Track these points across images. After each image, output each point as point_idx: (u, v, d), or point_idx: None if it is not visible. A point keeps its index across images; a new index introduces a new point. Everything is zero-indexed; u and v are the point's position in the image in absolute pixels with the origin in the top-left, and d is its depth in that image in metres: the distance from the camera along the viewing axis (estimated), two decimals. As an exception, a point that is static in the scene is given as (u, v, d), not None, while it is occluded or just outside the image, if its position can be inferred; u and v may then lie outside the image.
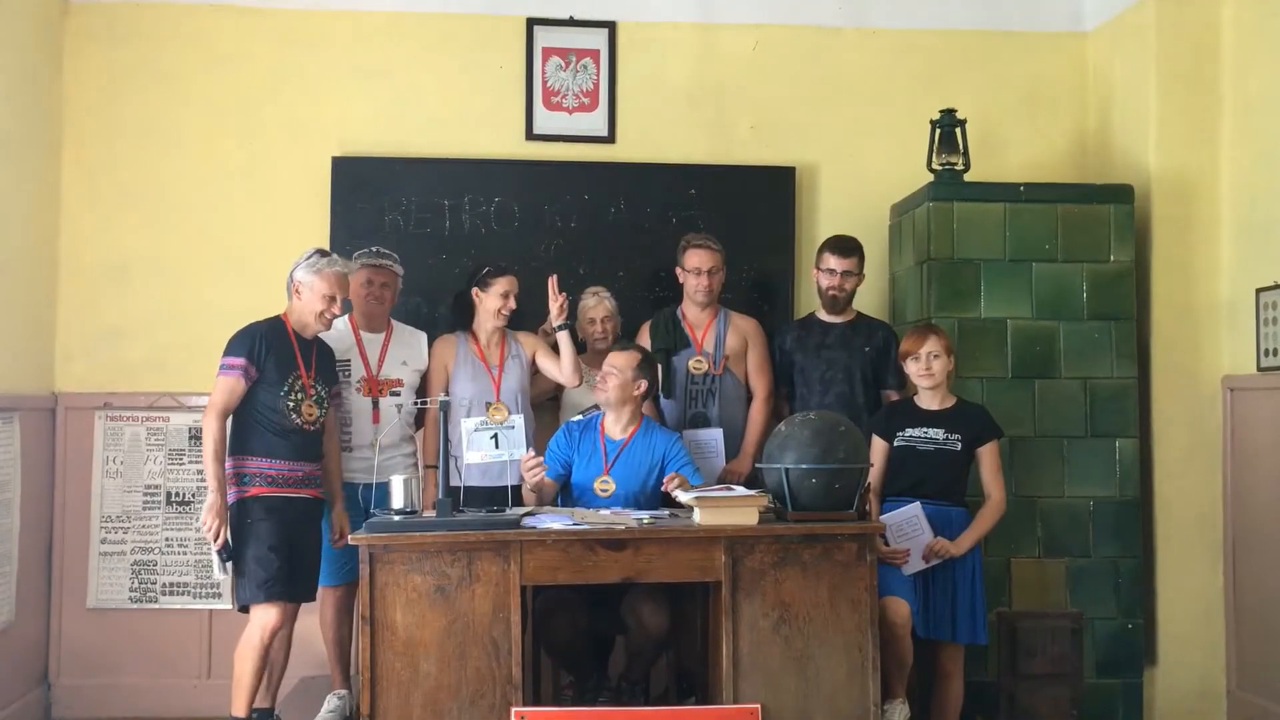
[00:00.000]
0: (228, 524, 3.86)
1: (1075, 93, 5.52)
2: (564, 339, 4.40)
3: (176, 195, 5.19)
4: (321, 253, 4.11)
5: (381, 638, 3.37)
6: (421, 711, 3.36)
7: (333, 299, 4.01)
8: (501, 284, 4.41)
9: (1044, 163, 5.45)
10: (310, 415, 3.99)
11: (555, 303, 4.38)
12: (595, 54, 5.40)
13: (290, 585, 3.93)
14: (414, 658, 3.37)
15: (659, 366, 4.41)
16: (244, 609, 3.95)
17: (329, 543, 4.20)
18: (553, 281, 4.42)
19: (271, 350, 3.95)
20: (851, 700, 3.48)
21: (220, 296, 4.99)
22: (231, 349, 3.94)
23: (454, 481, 3.90)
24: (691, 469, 4.08)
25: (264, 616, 3.88)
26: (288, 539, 3.92)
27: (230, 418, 3.93)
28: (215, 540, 3.84)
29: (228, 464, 3.93)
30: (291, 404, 3.94)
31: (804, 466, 3.54)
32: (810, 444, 3.57)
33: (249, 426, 3.95)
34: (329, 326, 4.11)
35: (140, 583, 5.09)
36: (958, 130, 5.00)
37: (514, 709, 3.35)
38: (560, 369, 4.45)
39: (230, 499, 3.90)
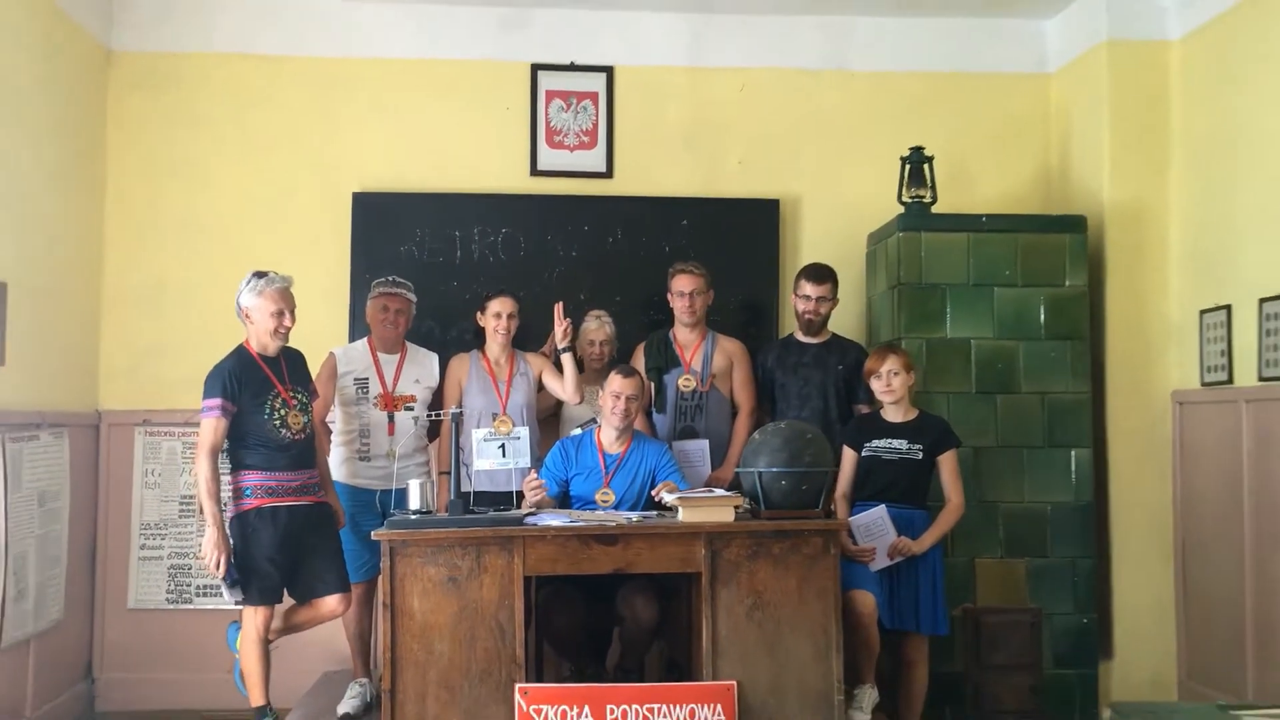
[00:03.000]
0: (229, 554, 4.14)
1: (1039, 129, 5.95)
2: (567, 360, 4.81)
3: (210, 227, 5.63)
4: (258, 274, 4.26)
5: (401, 622, 3.79)
6: (436, 688, 3.77)
7: (280, 313, 4.22)
8: (495, 305, 4.83)
9: (1011, 194, 5.87)
10: (298, 424, 4.27)
11: (560, 327, 4.78)
12: (594, 96, 5.84)
13: (294, 586, 4.28)
14: (429, 640, 3.79)
15: (651, 384, 4.84)
16: (243, 603, 4.22)
17: (349, 544, 4.56)
18: (558, 308, 4.81)
19: (243, 381, 4.20)
20: (817, 678, 3.88)
21: None
22: (207, 391, 4.18)
23: (465, 487, 4.32)
24: (679, 477, 4.48)
25: (256, 616, 4.19)
26: (289, 546, 4.21)
27: (225, 446, 4.21)
28: (219, 570, 4.13)
29: (228, 481, 4.23)
30: (277, 421, 4.22)
31: (774, 470, 3.96)
32: (780, 450, 3.99)
33: (245, 446, 4.23)
34: (286, 339, 4.30)
35: (176, 585, 5.52)
36: (925, 166, 5.42)
37: (517, 685, 3.76)
38: (563, 387, 4.86)
39: (231, 513, 4.19)
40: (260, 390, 4.20)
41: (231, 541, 4.15)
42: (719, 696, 3.77)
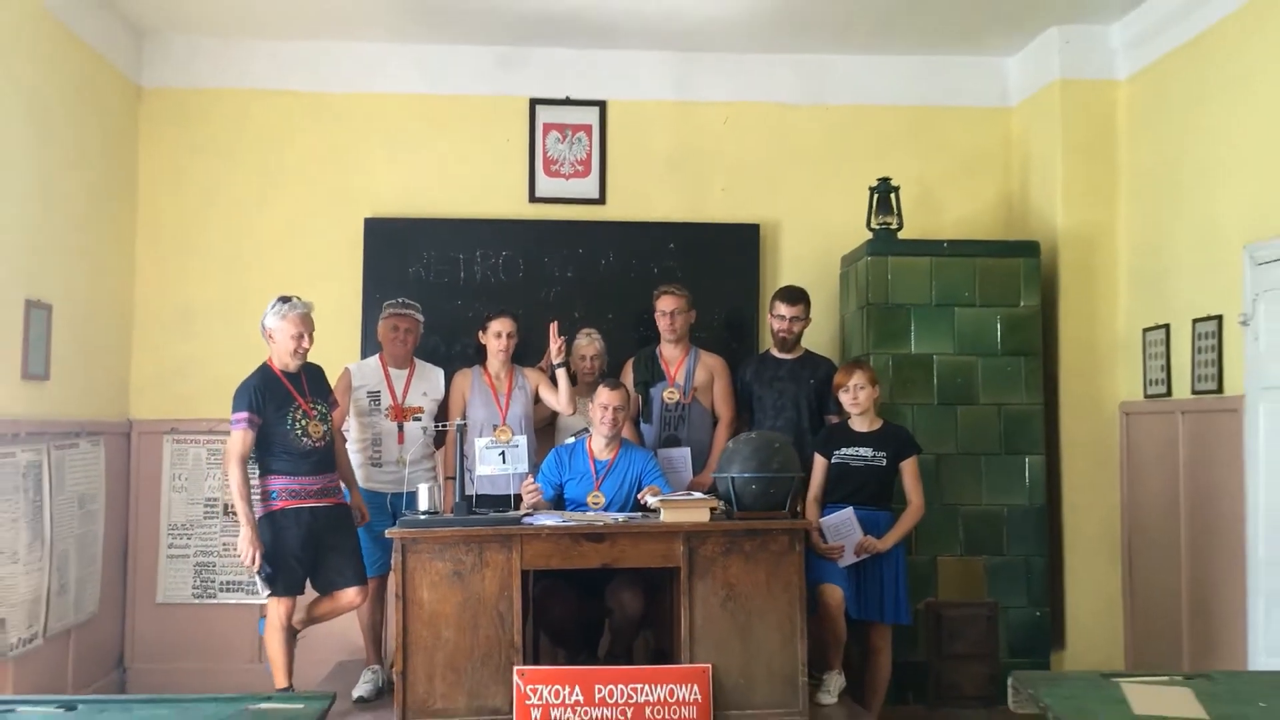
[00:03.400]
0: (261, 549, 4.59)
1: (1001, 159, 6.39)
2: (562, 375, 5.24)
3: (232, 251, 6.08)
4: (283, 299, 4.70)
5: (412, 611, 4.23)
6: (443, 669, 4.21)
7: (300, 335, 4.67)
8: (496, 325, 5.27)
9: (975, 219, 6.31)
10: (317, 433, 4.72)
11: (555, 344, 5.21)
12: (588, 128, 6.29)
13: (317, 579, 4.73)
14: (437, 627, 4.23)
15: (639, 396, 5.30)
16: (272, 593, 4.68)
17: (363, 543, 5.01)
18: (553, 327, 5.25)
19: (266, 395, 4.65)
20: (784, 661, 4.32)
21: None
22: (235, 405, 4.63)
23: (468, 490, 4.76)
24: (663, 482, 4.91)
25: (280, 606, 4.65)
26: (312, 543, 4.66)
27: (253, 453, 4.66)
28: (253, 565, 4.59)
29: (256, 485, 4.68)
30: (299, 430, 4.67)
31: (746, 475, 4.41)
32: (750, 458, 4.44)
33: (272, 454, 4.68)
34: (304, 358, 4.74)
35: (201, 581, 5.97)
36: (892, 195, 5.87)
37: (516, 667, 4.20)
38: (558, 400, 5.30)
39: (260, 513, 4.64)
40: (283, 403, 4.64)
41: (261, 539, 4.58)
42: (695, 678, 4.21)
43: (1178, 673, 3.09)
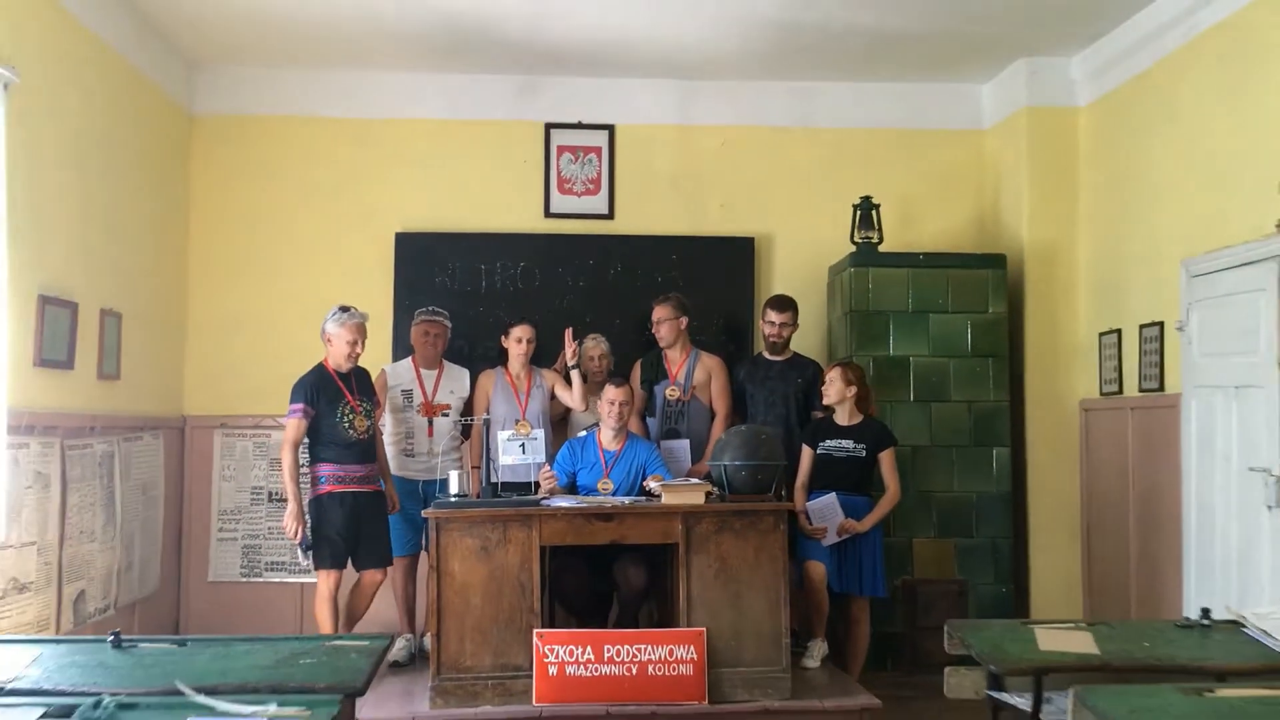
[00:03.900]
0: (306, 525, 5.27)
1: (975, 178, 6.98)
2: (575, 376, 5.85)
3: (275, 263, 6.69)
4: (343, 309, 5.40)
5: (444, 582, 4.84)
6: (472, 632, 4.82)
7: (354, 342, 5.33)
8: (517, 331, 5.88)
9: (951, 233, 6.89)
10: (361, 427, 5.37)
11: (569, 349, 5.81)
12: (598, 150, 6.90)
13: (354, 558, 5.35)
14: (466, 595, 4.84)
15: (644, 394, 5.91)
16: (317, 568, 5.35)
17: (397, 525, 5.63)
18: (568, 333, 5.84)
19: (320, 391, 5.31)
20: (769, 625, 4.91)
21: (309, 341, 6.16)
22: (293, 397, 5.30)
23: (493, 478, 5.37)
24: (664, 470, 5.52)
25: (328, 579, 5.30)
26: (354, 523, 5.30)
27: (305, 441, 5.33)
28: (295, 538, 5.27)
29: (306, 470, 5.33)
30: (346, 424, 5.31)
31: (736, 463, 5.01)
32: (740, 448, 5.04)
33: (321, 443, 5.34)
34: (356, 361, 5.39)
35: (248, 561, 6.60)
36: (873, 211, 6.45)
37: (535, 630, 4.81)
38: (572, 397, 5.90)
39: (310, 495, 5.31)
40: (334, 399, 5.28)
41: (310, 518, 5.22)
42: (692, 639, 4.82)
43: (1082, 621, 3.69)
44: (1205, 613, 3.49)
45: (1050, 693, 3.16)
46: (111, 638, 3.16)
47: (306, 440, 5.31)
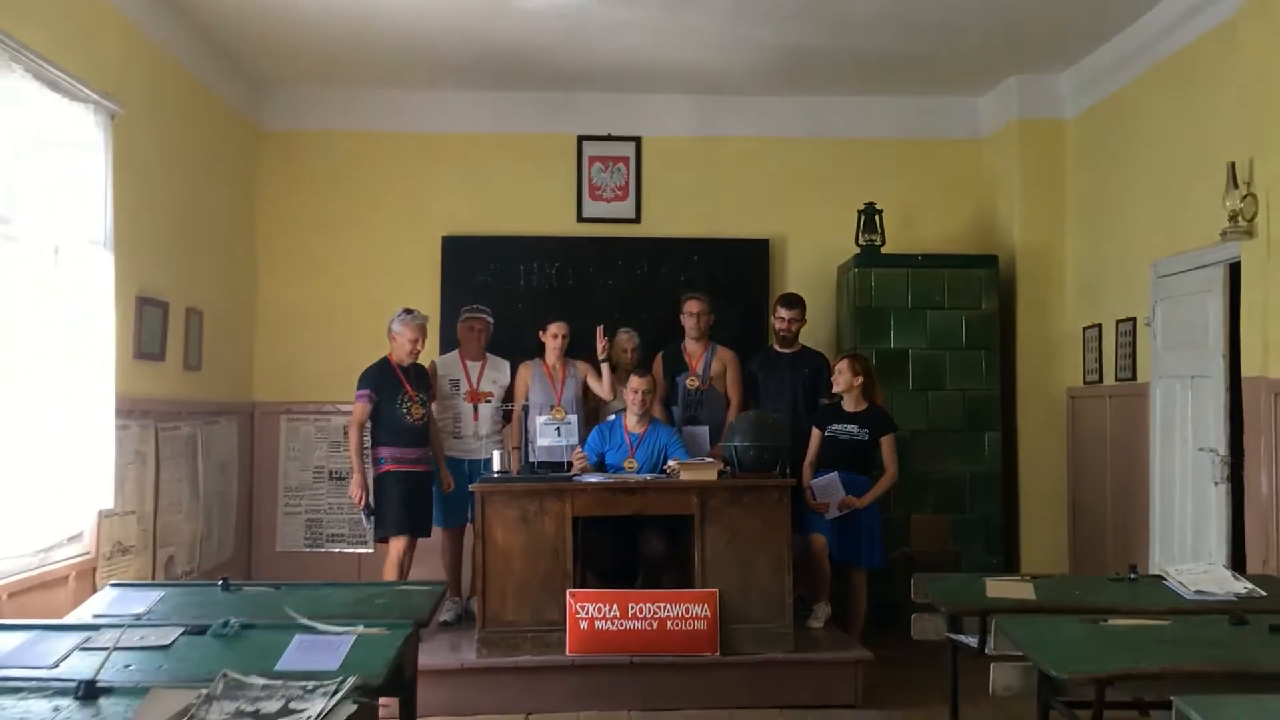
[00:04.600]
0: (369, 492, 6.00)
1: (973, 184, 7.56)
2: (605, 368, 6.50)
3: (334, 265, 7.38)
4: (407, 311, 6.15)
5: (489, 548, 5.51)
6: (513, 591, 5.49)
7: (416, 340, 6.08)
8: (553, 327, 6.54)
9: (951, 235, 7.47)
10: (417, 414, 6.08)
11: (600, 343, 6.45)
12: (626, 160, 7.54)
13: (411, 527, 6.05)
14: (508, 560, 5.51)
15: (666, 384, 6.57)
16: (382, 540, 6.10)
17: (443, 499, 6.32)
18: (599, 331, 6.46)
19: (382, 381, 6.04)
20: (774, 587, 5.55)
21: (364, 336, 6.94)
22: (359, 384, 6.05)
23: (531, 458, 6.04)
24: (683, 452, 6.15)
25: (396, 544, 6.01)
26: (410, 498, 6.02)
27: (369, 425, 6.06)
28: (360, 504, 6.02)
29: (368, 452, 6.07)
30: (404, 411, 6.03)
31: (745, 444, 5.66)
32: (749, 431, 5.69)
33: (382, 428, 6.06)
34: (417, 357, 6.13)
35: (311, 533, 7.31)
36: (876, 216, 7.05)
37: (568, 590, 5.48)
38: (602, 387, 6.56)
39: (373, 474, 6.04)
40: (394, 389, 5.99)
41: (372, 492, 5.93)
42: (706, 599, 5.46)
43: (1028, 574, 4.30)
44: (1133, 568, 4.10)
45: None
46: (221, 583, 3.86)
47: (369, 424, 6.00)
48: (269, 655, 2.82)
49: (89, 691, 2.41)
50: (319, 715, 2.20)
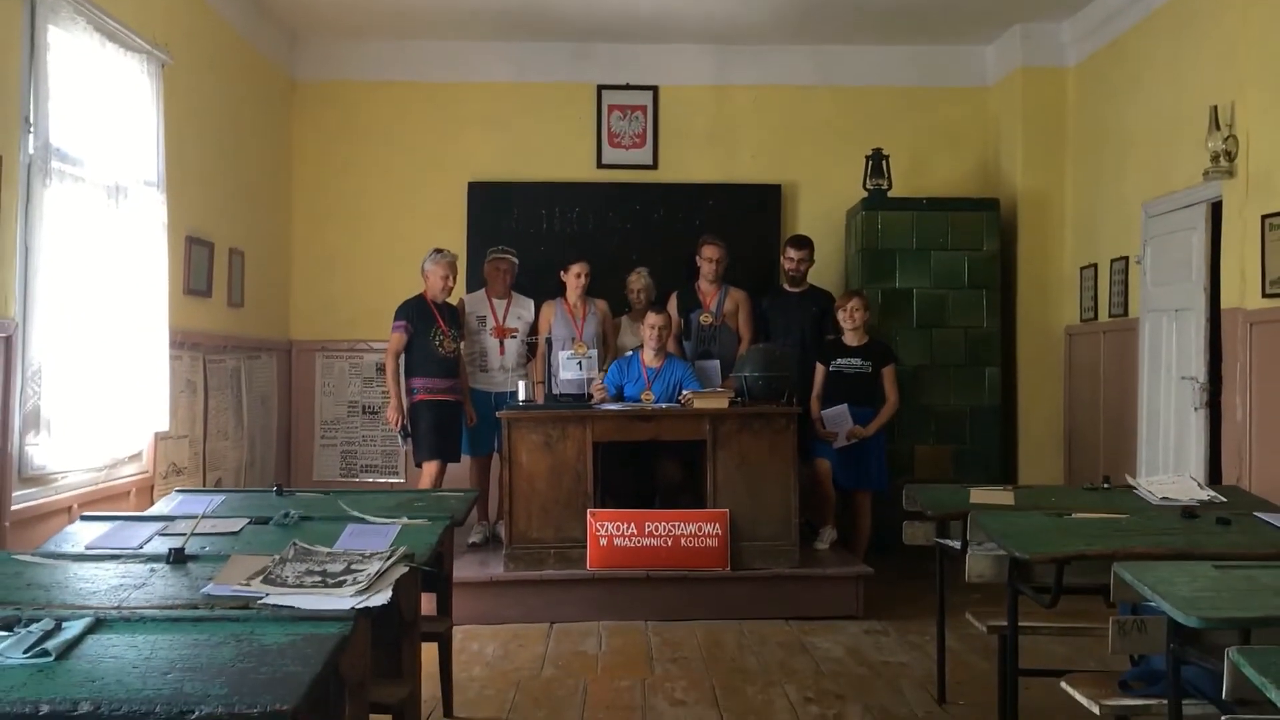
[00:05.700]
0: (404, 415, 6.40)
1: (979, 131, 7.85)
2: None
3: (365, 211, 7.76)
4: (437, 250, 6.55)
5: (515, 471, 5.91)
6: (538, 511, 5.90)
7: (446, 276, 6.47)
8: (575, 267, 6.88)
9: (957, 181, 7.77)
10: (449, 348, 6.46)
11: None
12: (644, 108, 7.85)
13: (442, 452, 6.46)
14: (533, 481, 5.91)
15: (681, 321, 6.93)
16: (419, 464, 6.52)
17: (470, 430, 6.72)
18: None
19: (418, 314, 6.43)
20: (781, 508, 5.94)
21: (394, 277, 7.33)
22: (396, 316, 6.44)
23: (554, 389, 6.43)
24: (697, 384, 6.51)
25: (430, 468, 6.42)
26: (441, 425, 6.42)
27: (402, 355, 6.47)
28: (395, 426, 6.43)
29: (403, 383, 6.48)
30: (437, 343, 6.41)
31: (755, 374, 6.02)
32: (758, 362, 6.05)
33: (415, 360, 6.45)
34: (449, 294, 6.53)
35: (346, 464, 7.74)
36: (883, 162, 7.35)
37: (589, 510, 5.88)
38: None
39: (407, 404, 6.44)
40: (428, 324, 6.39)
41: (406, 419, 6.34)
42: (718, 518, 5.85)
43: (1010, 485, 4.66)
44: (1106, 479, 4.46)
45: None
46: (275, 489, 4.27)
47: (404, 357, 6.40)
48: (326, 540, 3.19)
49: (178, 557, 2.81)
50: (378, 572, 2.59)
